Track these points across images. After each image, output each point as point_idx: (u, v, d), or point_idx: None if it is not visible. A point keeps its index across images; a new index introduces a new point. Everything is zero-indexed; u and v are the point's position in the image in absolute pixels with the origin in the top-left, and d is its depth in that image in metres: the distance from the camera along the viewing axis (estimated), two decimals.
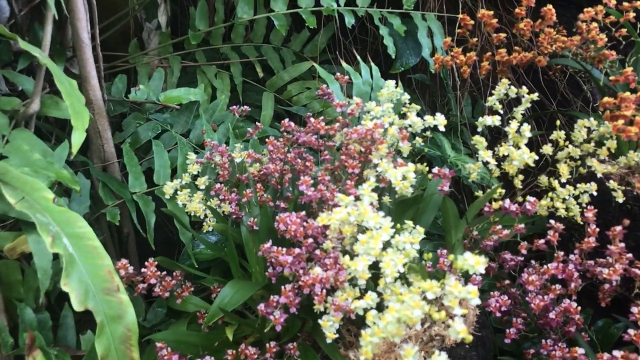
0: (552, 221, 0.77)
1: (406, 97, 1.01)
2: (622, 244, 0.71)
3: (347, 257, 0.62)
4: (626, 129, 0.72)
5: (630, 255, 0.72)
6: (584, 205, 0.84)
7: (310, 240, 0.66)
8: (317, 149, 0.85)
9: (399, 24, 1.20)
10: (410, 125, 0.82)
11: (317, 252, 0.66)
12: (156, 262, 0.74)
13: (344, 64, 1.11)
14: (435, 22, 1.24)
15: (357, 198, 0.68)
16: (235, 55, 1.27)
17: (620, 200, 0.85)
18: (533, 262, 0.82)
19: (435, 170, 0.77)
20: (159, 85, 1.13)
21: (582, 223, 0.83)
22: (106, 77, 1.22)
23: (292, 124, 0.82)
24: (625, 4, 0.89)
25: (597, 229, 0.75)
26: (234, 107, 0.94)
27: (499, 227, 0.77)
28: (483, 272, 0.58)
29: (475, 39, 0.96)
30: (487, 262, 0.80)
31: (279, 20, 1.16)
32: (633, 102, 0.76)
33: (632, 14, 0.89)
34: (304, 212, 0.69)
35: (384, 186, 0.77)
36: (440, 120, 0.80)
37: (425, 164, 1.30)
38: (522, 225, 0.76)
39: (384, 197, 0.82)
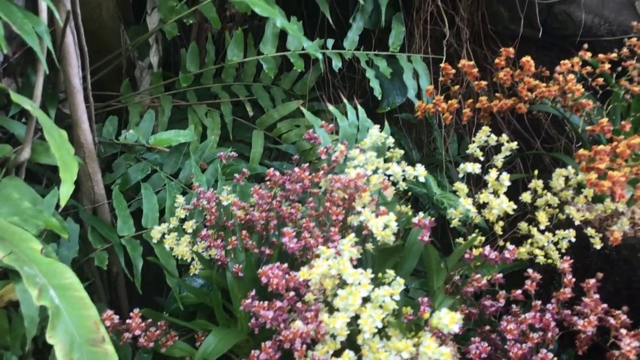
0: (530, 270, 0.78)
1: (390, 141, 1.04)
2: (597, 295, 0.73)
3: (326, 315, 0.64)
4: (599, 183, 0.74)
5: (605, 305, 0.73)
6: (563, 250, 0.87)
7: (292, 293, 0.68)
8: (302, 195, 0.87)
9: (385, 66, 1.22)
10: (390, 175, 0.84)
11: (299, 304, 0.68)
12: (141, 314, 0.75)
13: (330, 107, 1.13)
14: (420, 64, 1.27)
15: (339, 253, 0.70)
16: (226, 95, 1.30)
17: (598, 246, 0.87)
18: (514, 306, 0.84)
19: (415, 220, 0.78)
20: (149, 126, 1.16)
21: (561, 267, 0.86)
22: (99, 116, 1.25)
23: (277, 173, 0.84)
24: (601, 55, 0.92)
25: (574, 279, 0.76)
26: (222, 153, 0.96)
27: (478, 276, 0.79)
28: (457, 330, 0.59)
29: (457, 87, 0.98)
30: (466, 309, 0.83)
31: (268, 63, 1.18)
32: (607, 154, 0.78)
33: (607, 65, 0.91)
34: (286, 264, 0.71)
35: (368, 233, 0.79)
36: (420, 171, 0.82)
37: (410, 203, 1.33)
38: (500, 275, 0.78)
39: (367, 244, 0.84)
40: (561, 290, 0.74)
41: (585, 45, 0.94)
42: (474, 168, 0.88)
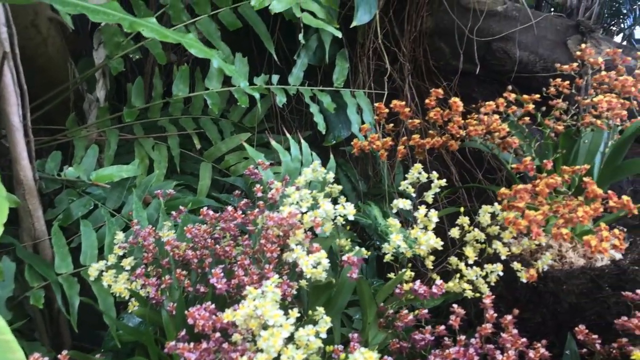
0: (454, 305, 0.81)
1: (330, 176, 1.06)
2: (515, 330, 0.76)
3: (251, 354, 0.65)
4: (517, 221, 0.77)
5: (524, 340, 0.76)
6: (492, 284, 0.90)
7: (218, 334, 0.69)
8: (238, 233, 0.89)
9: (329, 101, 1.26)
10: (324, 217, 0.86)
11: (225, 345, 0.69)
12: (69, 356, 0.75)
13: (272, 142, 1.16)
14: (364, 99, 1.31)
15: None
16: (173, 128, 1.31)
17: (525, 279, 0.90)
18: (446, 339, 0.87)
19: (344, 257, 0.81)
20: (92, 162, 1.16)
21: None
22: (46, 150, 1.25)
23: (211, 212, 0.86)
24: (525, 96, 0.97)
25: (495, 314, 0.79)
26: (159, 190, 0.97)
27: (405, 311, 0.81)
28: None
29: (391, 125, 1.02)
30: (398, 343, 0.85)
31: (212, 99, 1.20)
32: (527, 193, 0.82)
33: (531, 106, 0.96)
34: (213, 305, 0.72)
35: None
36: (349, 210, 0.84)
37: (356, 234, 1.36)
38: (426, 311, 0.80)
39: (301, 280, 0.86)
40: (483, 326, 0.77)
41: (510, 87, 0.98)
42: (405, 204, 0.91)
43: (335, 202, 1.04)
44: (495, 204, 0.92)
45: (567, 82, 1.01)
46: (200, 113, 1.36)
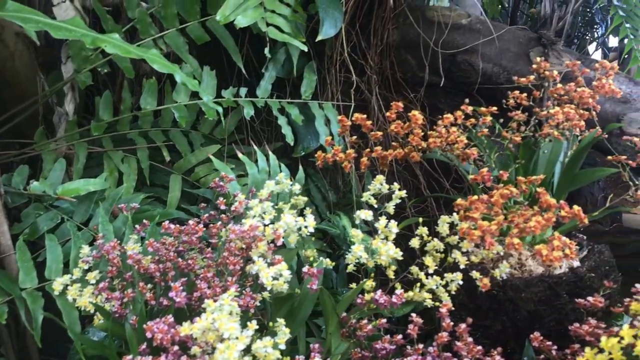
0: (413, 315, 0.82)
1: (297, 187, 1.08)
2: (470, 339, 0.78)
3: None
4: (470, 232, 0.79)
5: (480, 347, 0.78)
6: (453, 292, 0.92)
7: (176, 347, 0.70)
8: (204, 245, 0.90)
9: (297, 113, 1.27)
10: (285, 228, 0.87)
11: (184, 358, 0.70)
12: None
13: (239, 154, 1.17)
14: (332, 111, 1.33)
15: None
16: (143, 141, 1.32)
17: (485, 288, 0.92)
18: (408, 347, 0.88)
19: (305, 269, 0.82)
20: (60, 175, 1.16)
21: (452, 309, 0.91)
22: (17, 163, 1.24)
23: (172, 226, 0.87)
24: (483, 109, 0.99)
25: (470, 319, 0.81)
26: (123, 204, 0.98)
27: (365, 321, 0.83)
28: None
29: (354, 137, 1.03)
30: (360, 352, 0.86)
31: (180, 112, 1.21)
32: (483, 204, 0.84)
33: (489, 118, 0.98)
34: (172, 318, 0.73)
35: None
36: (310, 222, 0.86)
37: (326, 244, 1.37)
38: (385, 320, 0.82)
39: (264, 292, 0.87)
40: (439, 334, 0.78)
41: (466, 100, 1.00)
42: (366, 215, 0.93)
43: (301, 213, 1.06)
44: (454, 214, 0.94)
45: (525, 94, 1.04)
46: (170, 125, 1.37)
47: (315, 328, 1.16)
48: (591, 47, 3.82)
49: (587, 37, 3.74)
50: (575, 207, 0.81)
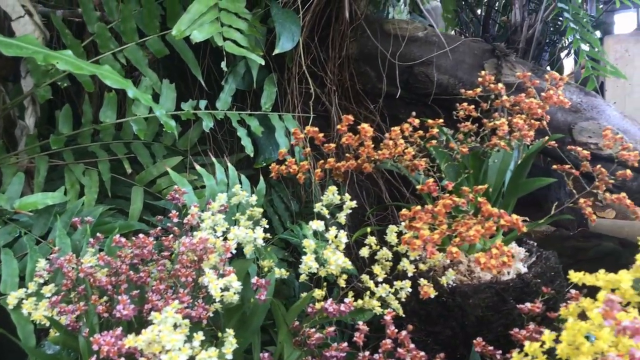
0: (360, 322, 0.85)
1: (253, 199, 1.10)
2: (412, 345, 0.80)
3: None
4: (412, 241, 0.82)
5: (423, 354, 0.81)
6: (403, 299, 0.95)
7: (123, 359, 0.71)
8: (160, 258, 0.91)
9: (257, 125, 1.30)
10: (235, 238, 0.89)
11: None
12: None
13: (197, 167, 1.18)
14: (292, 122, 1.35)
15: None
16: (104, 154, 1.33)
17: (432, 295, 0.95)
18: (360, 354, 0.90)
19: (254, 280, 0.84)
20: (18, 189, 1.17)
21: (403, 315, 0.94)
22: None
23: (123, 239, 0.88)
24: (430, 121, 1.02)
25: (396, 330, 0.83)
26: (76, 218, 0.99)
27: (312, 330, 0.85)
28: None
29: (308, 149, 1.06)
30: None
31: (139, 125, 1.23)
32: (428, 213, 0.87)
33: (435, 130, 1.01)
34: (120, 330, 0.74)
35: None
36: (259, 234, 0.88)
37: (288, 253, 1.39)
38: (332, 329, 0.84)
39: (215, 303, 0.88)
40: (384, 341, 0.81)
41: (413, 113, 1.03)
42: (318, 226, 0.95)
43: (258, 224, 1.08)
44: (402, 223, 0.97)
45: (473, 106, 1.07)
46: (132, 138, 1.38)
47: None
48: (563, 54, 3.91)
49: (558, 45, 3.81)
50: (514, 216, 0.84)
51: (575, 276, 0.69)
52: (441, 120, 1.02)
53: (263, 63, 1.18)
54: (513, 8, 3.76)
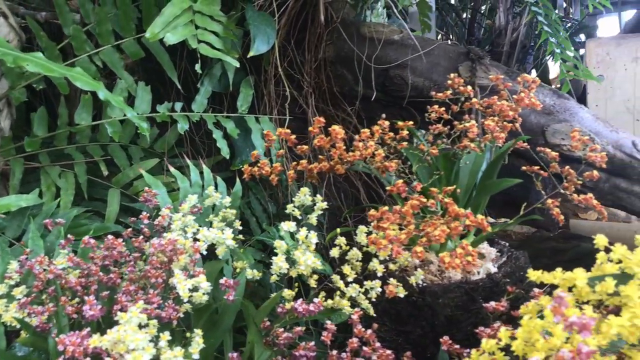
0: (328, 322, 0.86)
1: (227, 201, 1.11)
2: (378, 344, 0.81)
3: None
4: (377, 241, 0.83)
5: (389, 352, 0.82)
6: (373, 299, 0.96)
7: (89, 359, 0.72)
8: (126, 260, 0.92)
9: (233, 127, 1.30)
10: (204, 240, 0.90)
11: None
12: None
13: (171, 169, 1.19)
14: (268, 124, 1.36)
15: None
16: (80, 156, 1.33)
17: (402, 295, 0.96)
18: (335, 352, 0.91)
19: (222, 281, 0.85)
20: None
21: (374, 315, 0.95)
22: None
23: (92, 241, 0.88)
24: (400, 123, 1.04)
25: (363, 329, 0.84)
26: (48, 220, 0.99)
27: (281, 329, 0.86)
28: None
29: (282, 150, 1.07)
30: None
31: (113, 127, 1.23)
32: (395, 214, 0.88)
33: (405, 132, 1.03)
34: (87, 330, 0.75)
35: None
36: (227, 235, 0.88)
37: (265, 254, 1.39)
38: (300, 328, 0.85)
39: (185, 304, 0.89)
40: (350, 340, 0.82)
41: (383, 115, 1.04)
42: (289, 227, 0.96)
43: (231, 225, 1.09)
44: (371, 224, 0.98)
45: (443, 108, 1.09)
46: (109, 140, 1.38)
47: None
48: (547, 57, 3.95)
49: (543, 48, 3.85)
50: (479, 217, 0.86)
51: (533, 274, 0.70)
52: (411, 123, 1.03)
53: (238, 65, 1.19)
54: (497, 11, 3.80)
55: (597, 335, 0.61)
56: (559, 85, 1.57)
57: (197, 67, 1.15)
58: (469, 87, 1.09)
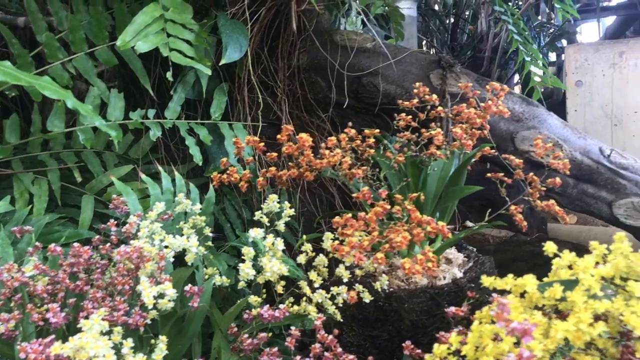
0: (292, 328, 0.87)
1: (197, 207, 1.12)
2: (340, 349, 0.83)
3: None
4: (339, 247, 0.84)
5: (352, 357, 0.83)
6: (340, 305, 0.97)
7: None
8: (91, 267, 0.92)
9: (206, 134, 1.31)
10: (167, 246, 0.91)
11: None
12: None
13: (142, 176, 1.20)
14: (242, 131, 1.37)
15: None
16: (54, 162, 1.33)
17: (368, 300, 0.97)
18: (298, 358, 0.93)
19: (187, 287, 0.86)
20: None
21: (341, 320, 0.97)
22: None
23: (59, 248, 0.89)
24: (367, 131, 1.05)
25: (326, 334, 0.86)
26: (15, 228, 1.00)
27: (246, 335, 0.87)
28: None
29: (250, 158, 1.08)
30: None
31: (85, 134, 1.24)
32: (361, 220, 0.89)
33: (372, 140, 1.05)
34: (51, 338, 0.75)
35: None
36: (192, 242, 0.89)
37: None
38: (264, 334, 0.86)
39: (151, 310, 0.90)
40: (313, 346, 0.83)
41: (350, 124, 1.06)
42: (256, 234, 0.97)
43: (201, 232, 1.10)
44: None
45: (410, 116, 1.11)
46: (83, 147, 1.38)
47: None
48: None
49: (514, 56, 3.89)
50: (440, 223, 0.87)
51: (486, 281, 0.72)
52: (378, 130, 1.05)
53: (210, 73, 1.20)
54: (479, 18, 3.84)
55: (546, 339, 0.63)
56: (542, 89, 1.60)
57: (169, 74, 1.16)
58: (434, 96, 1.11)
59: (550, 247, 0.70)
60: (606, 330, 0.64)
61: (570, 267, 0.71)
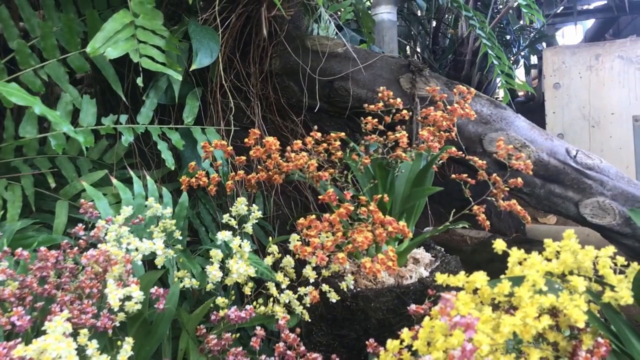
0: (258, 328, 0.89)
1: (168, 211, 1.13)
2: (303, 348, 0.84)
3: None
4: (302, 248, 0.86)
5: (316, 355, 0.85)
6: (308, 305, 0.99)
7: None
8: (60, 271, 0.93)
9: (178, 138, 1.33)
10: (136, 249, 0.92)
11: None
12: None
13: (114, 181, 1.21)
14: (215, 136, 1.39)
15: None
16: (27, 168, 1.34)
17: (334, 300, 0.99)
18: (263, 357, 0.94)
19: (152, 290, 0.87)
20: None
21: (310, 320, 0.99)
22: None
23: (25, 253, 0.90)
24: (333, 134, 1.08)
25: (293, 335, 0.87)
26: None
27: (212, 336, 0.88)
28: None
29: (219, 162, 1.10)
30: None
31: (57, 140, 1.24)
32: (326, 222, 0.91)
33: (337, 143, 1.07)
34: (17, 341, 0.77)
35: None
36: (158, 246, 0.91)
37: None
38: (229, 335, 0.88)
39: (120, 313, 0.91)
40: (277, 345, 0.85)
41: (315, 127, 1.08)
42: (224, 237, 0.99)
43: (171, 235, 1.12)
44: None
45: (376, 120, 1.13)
46: (57, 152, 1.39)
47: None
48: (518, 66, 4.08)
49: (509, 56, 3.95)
50: (401, 223, 0.90)
51: (440, 278, 0.74)
52: (343, 134, 1.07)
53: (180, 78, 1.21)
54: (460, 21, 3.88)
55: (496, 334, 0.66)
56: (523, 93, 1.63)
57: (139, 80, 1.18)
58: (399, 100, 1.13)
59: (499, 245, 0.72)
60: (552, 324, 0.66)
61: (520, 264, 0.74)
